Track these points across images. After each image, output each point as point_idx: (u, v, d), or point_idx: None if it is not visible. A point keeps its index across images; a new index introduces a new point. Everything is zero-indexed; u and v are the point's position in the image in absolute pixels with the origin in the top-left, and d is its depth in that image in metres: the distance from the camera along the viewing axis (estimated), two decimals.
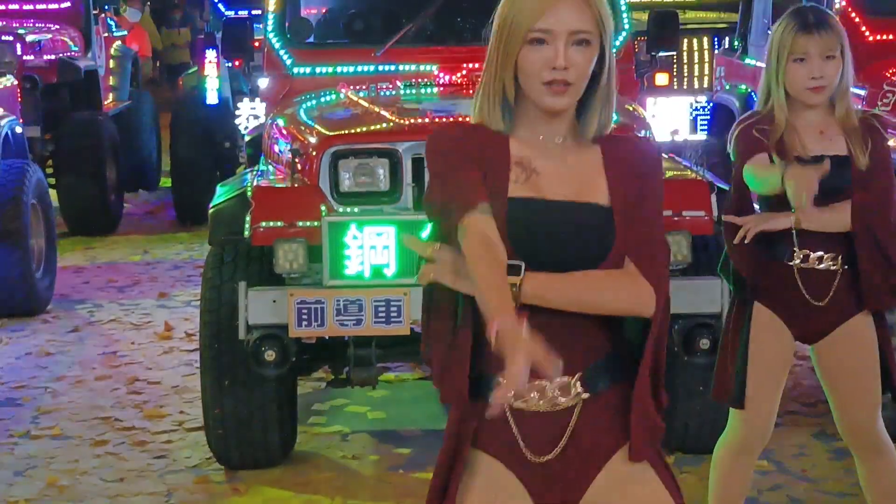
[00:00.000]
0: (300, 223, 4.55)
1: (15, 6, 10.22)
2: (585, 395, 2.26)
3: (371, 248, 4.48)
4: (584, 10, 2.21)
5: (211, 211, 4.95)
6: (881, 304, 3.53)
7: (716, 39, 9.89)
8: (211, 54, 9.91)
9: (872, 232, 3.45)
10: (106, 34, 11.08)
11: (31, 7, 10.26)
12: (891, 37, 6.28)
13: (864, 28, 6.30)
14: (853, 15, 6.33)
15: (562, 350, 2.16)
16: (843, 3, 6.35)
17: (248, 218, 4.59)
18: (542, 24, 2.20)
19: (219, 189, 5.26)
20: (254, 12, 9.17)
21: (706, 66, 9.92)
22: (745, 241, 3.48)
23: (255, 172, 5.30)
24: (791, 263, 3.51)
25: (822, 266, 3.50)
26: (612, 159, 2.27)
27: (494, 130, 2.28)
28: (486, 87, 2.28)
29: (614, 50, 2.32)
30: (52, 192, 8.83)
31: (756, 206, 3.63)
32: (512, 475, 2.28)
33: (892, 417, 4.83)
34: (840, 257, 3.50)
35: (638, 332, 2.30)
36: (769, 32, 3.38)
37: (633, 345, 2.30)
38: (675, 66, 9.90)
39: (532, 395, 2.24)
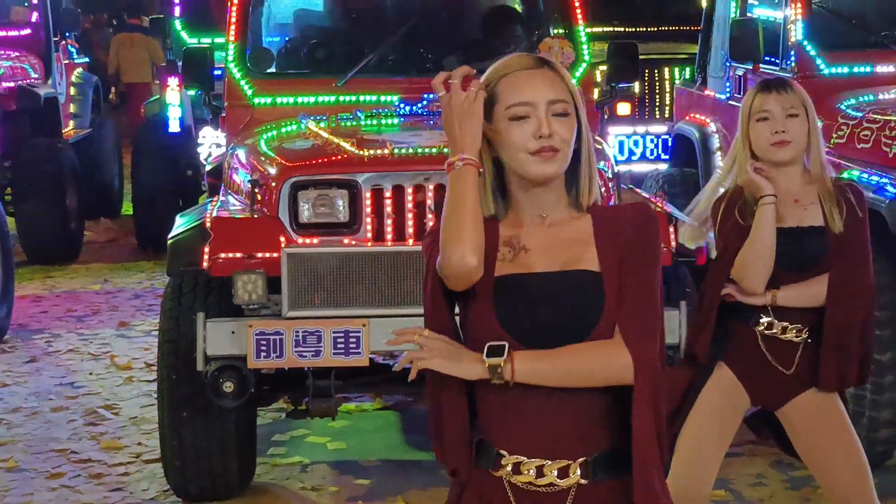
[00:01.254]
0: (259, 254, 4.55)
1: None
2: (584, 482, 2.27)
3: (330, 280, 4.48)
4: (556, 82, 2.28)
5: (170, 241, 4.93)
6: (833, 386, 3.51)
7: (676, 70, 9.96)
8: (173, 82, 9.89)
9: (844, 310, 3.46)
10: (67, 61, 11.04)
11: None
12: (845, 70, 6.35)
13: (819, 60, 6.37)
14: (808, 47, 6.40)
15: (567, 433, 2.22)
16: (799, 36, 6.42)
17: (206, 248, 4.58)
18: (520, 98, 2.26)
19: (178, 219, 5.24)
20: (216, 41, 9.17)
21: (667, 96, 9.99)
22: (719, 303, 3.50)
23: (214, 202, 5.29)
24: (755, 329, 3.53)
25: (785, 336, 3.51)
26: (602, 227, 2.30)
27: (488, 216, 2.30)
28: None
29: (575, 80, 2.35)
30: (11, 220, 8.76)
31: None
32: None
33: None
34: (806, 329, 3.50)
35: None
36: (726, 65, 3.43)
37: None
38: (636, 96, 9.96)
39: (530, 471, 2.26)
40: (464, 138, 2.25)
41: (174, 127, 9.99)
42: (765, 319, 3.51)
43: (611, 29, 10.05)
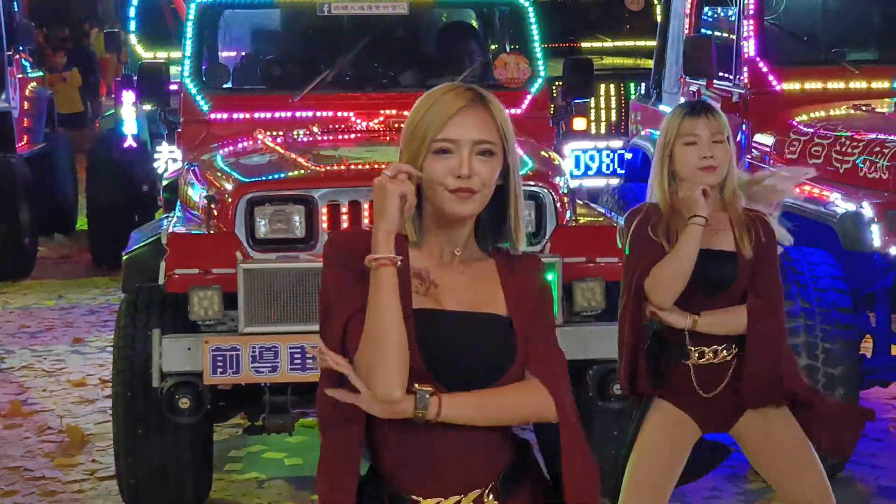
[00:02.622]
0: (215, 270, 4.54)
1: None
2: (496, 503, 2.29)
3: (286, 295, 4.48)
4: (487, 122, 2.26)
5: (125, 257, 4.92)
6: (762, 403, 3.55)
7: (632, 86, 10.04)
8: (128, 97, 9.84)
9: (765, 335, 3.50)
10: (21, 75, 10.97)
11: None
12: (797, 86, 6.43)
13: (771, 77, 6.45)
14: (760, 64, 6.48)
15: (476, 462, 2.25)
16: (752, 53, 6.49)
17: (162, 265, 4.57)
18: (446, 134, 2.25)
19: (133, 235, 5.23)
20: (172, 56, 9.14)
21: (623, 111, 10.07)
22: (644, 321, 3.52)
23: (170, 218, 5.28)
24: (687, 362, 3.53)
25: (717, 360, 3.53)
26: (506, 273, 2.32)
27: (396, 236, 2.26)
28: None
29: (534, 94, 2.36)
30: None
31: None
32: None
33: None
34: (734, 346, 3.53)
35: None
36: (680, 81, 3.46)
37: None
38: (592, 111, 10.03)
39: None
40: (382, 230, 2.19)
41: (129, 141, 9.95)
42: (695, 350, 3.52)
43: (567, 44, 10.12)
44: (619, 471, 3.59)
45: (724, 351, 3.52)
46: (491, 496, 2.29)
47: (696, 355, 3.52)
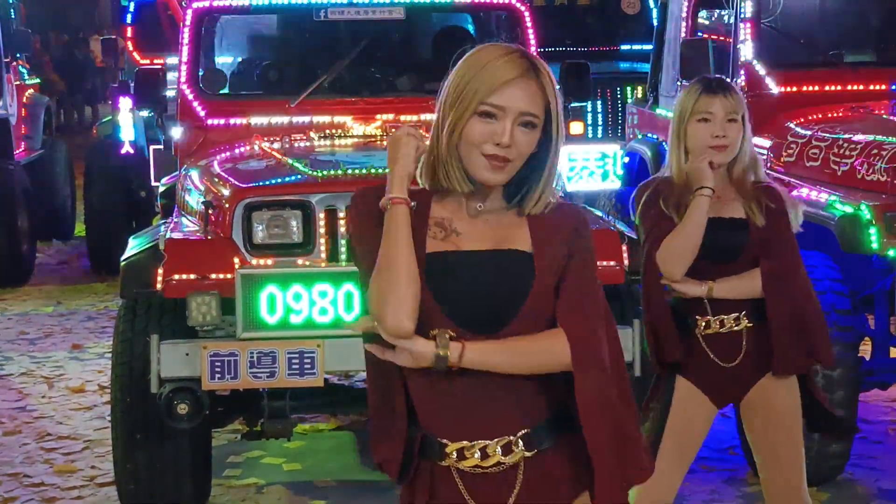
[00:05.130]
0: (213, 275, 4.54)
1: None
2: (528, 454, 2.29)
3: (284, 301, 4.48)
4: (536, 95, 2.27)
5: (123, 263, 4.91)
6: (790, 370, 3.59)
7: (628, 89, 10.04)
8: (125, 103, 9.85)
9: (784, 298, 3.54)
10: (18, 82, 10.97)
11: None
12: (794, 89, 6.43)
13: (768, 79, 6.45)
14: (757, 66, 6.48)
15: (503, 410, 2.25)
16: (749, 56, 6.49)
17: (160, 270, 4.57)
18: (495, 99, 2.25)
19: (131, 241, 5.23)
20: (169, 61, 9.14)
21: (620, 115, 10.07)
22: (660, 294, 3.55)
23: (168, 224, 5.27)
24: (697, 333, 3.58)
25: (724, 329, 3.57)
26: (536, 218, 2.32)
27: (419, 189, 2.32)
28: (433, 150, 2.31)
29: None
30: None
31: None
32: None
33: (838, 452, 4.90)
34: (742, 316, 3.57)
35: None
36: (677, 84, 3.48)
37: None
38: (588, 115, 10.03)
39: (475, 454, 2.28)
40: (397, 175, 2.28)
41: (127, 148, 9.95)
42: (701, 320, 3.57)
43: (563, 49, 10.12)
44: (651, 445, 3.61)
45: (732, 321, 3.56)
46: (521, 444, 2.28)
47: (703, 324, 3.56)
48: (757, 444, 3.66)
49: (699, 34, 7.32)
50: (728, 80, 3.75)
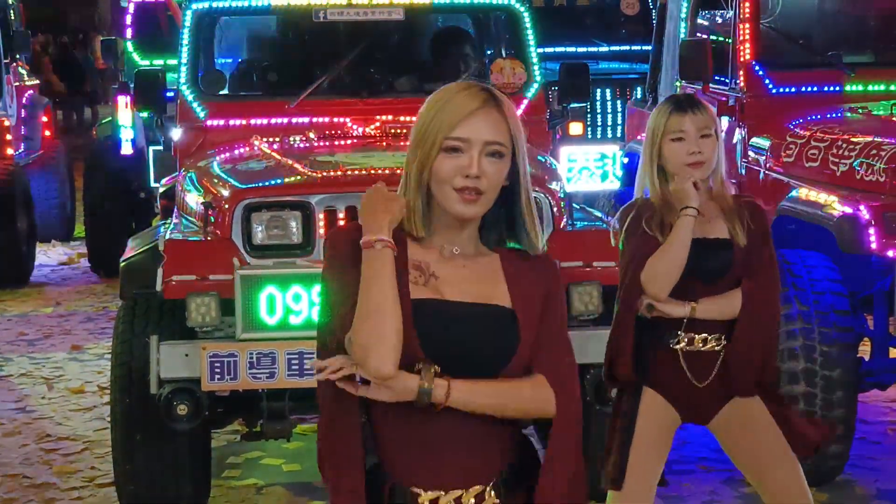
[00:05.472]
0: (212, 276, 4.54)
1: None
2: (497, 502, 2.29)
3: (284, 301, 4.48)
4: (499, 124, 2.28)
5: (122, 264, 4.91)
6: (749, 392, 3.59)
7: (628, 90, 10.05)
8: (125, 103, 9.84)
9: (757, 319, 3.54)
10: (17, 83, 10.97)
11: None
12: (792, 89, 6.44)
13: (767, 80, 6.45)
14: (756, 67, 6.48)
15: (475, 457, 2.26)
16: (748, 56, 6.50)
17: (160, 271, 4.57)
18: (458, 132, 2.26)
19: (130, 242, 5.23)
20: (169, 62, 9.14)
21: (619, 116, 10.07)
22: (639, 314, 3.55)
23: (167, 225, 5.28)
24: (676, 347, 3.58)
25: (706, 348, 3.58)
26: (511, 269, 2.33)
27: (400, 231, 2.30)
28: (406, 195, 2.31)
29: (531, 99, 2.37)
30: None
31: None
32: None
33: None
34: (723, 337, 3.57)
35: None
36: (676, 85, 3.48)
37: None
38: (588, 115, 10.04)
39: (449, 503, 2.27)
40: (384, 220, 2.26)
41: (126, 148, 9.95)
42: (684, 336, 3.56)
43: (562, 49, 10.12)
44: (615, 458, 3.60)
45: (713, 341, 3.57)
46: (493, 493, 2.28)
47: (686, 341, 3.56)
48: (748, 465, 3.64)
49: (698, 34, 7.32)
50: (696, 96, 3.75)
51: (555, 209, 4.79)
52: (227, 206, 4.76)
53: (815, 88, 6.45)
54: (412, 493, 2.27)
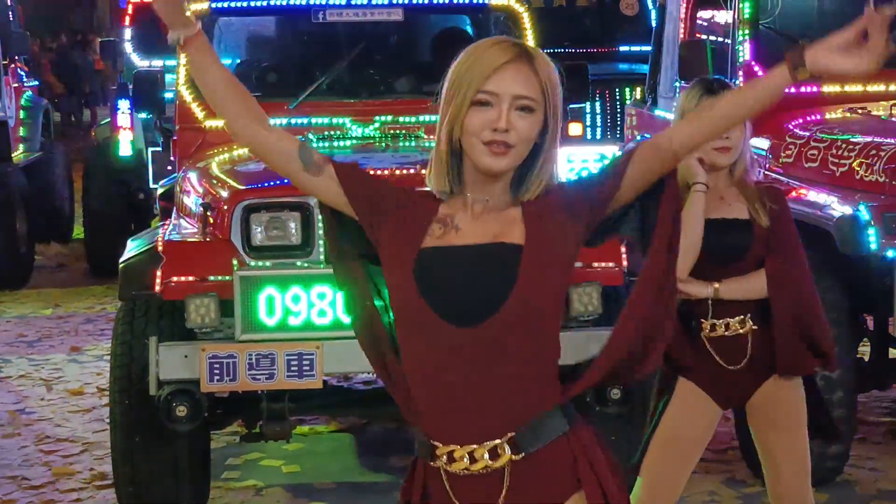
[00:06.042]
0: (211, 278, 4.54)
1: None
2: (516, 457, 2.28)
3: (283, 302, 4.48)
4: (530, 78, 2.27)
5: (121, 265, 4.91)
6: (795, 371, 3.60)
7: (627, 91, 10.05)
8: (124, 105, 9.84)
9: (788, 298, 3.54)
10: (16, 84, 10.97)
11: None
12: (792, 90, 6.41)
13: None
14: (756, 68, 6.48)
15: (491, 412, 2.24)
16: (747, 56, 6.50)
17: (159, 272, 4.56)
18: (488, 86, 2.26)
19: (130, 243, 5.22)
20: (167, 64, 9.14)
21: (618, 117, 10.07)
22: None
23: (166, 226, 5.27)
24: (701, 335, 3.59)
25: (730, 332, 3.58)
26: (533, 209, 2.31)
27: (437, 192, 2.32)
28: (437, 149, 2.33)
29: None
30: None
31: None
32: None
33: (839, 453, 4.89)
34: (746, 318, 3.57)
35: None
36: (675, 86, 3.48)
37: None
38: (587, 116, 10.03)
39: (463, 458, 2.28)
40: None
41: (125, 150, 9.95)
42: (706, 323, 3.57)
43: (561, 50, 10.12)
44: (642, 448, 3.61)
45: (737, 323, 3.56)
46: (508, 448, 2.27)
47: (708, 328, 3.57)
48: (763, 447, 3.65)
49: (697, 35, 7.32)
50: (727, 80, 3.74)
51: None
52: (226, 207, 4.76)
53: (815, 89, 6.45)
54: (431, 445, 2.30)
